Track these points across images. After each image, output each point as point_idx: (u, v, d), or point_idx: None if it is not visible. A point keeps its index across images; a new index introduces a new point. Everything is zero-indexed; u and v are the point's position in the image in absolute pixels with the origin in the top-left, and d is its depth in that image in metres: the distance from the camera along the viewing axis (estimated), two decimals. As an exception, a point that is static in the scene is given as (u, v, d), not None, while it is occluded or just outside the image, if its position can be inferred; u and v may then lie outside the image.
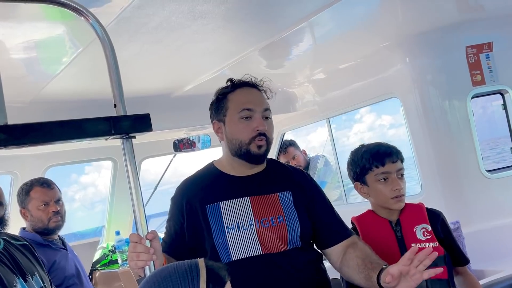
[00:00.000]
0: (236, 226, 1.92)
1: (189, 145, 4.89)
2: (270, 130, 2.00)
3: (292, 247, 1.95)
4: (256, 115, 1.98)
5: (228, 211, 1.95)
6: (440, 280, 2.08)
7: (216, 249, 1.93)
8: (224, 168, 2.07)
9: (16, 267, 2.05)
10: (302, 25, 3.16)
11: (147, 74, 3.75)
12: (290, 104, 5.17)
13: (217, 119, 2.06)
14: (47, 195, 3.10)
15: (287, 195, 2.01)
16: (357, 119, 10.11)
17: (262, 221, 1.93)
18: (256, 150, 1.96)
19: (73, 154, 4.92)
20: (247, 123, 1.97)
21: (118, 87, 1.69)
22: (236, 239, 1.92)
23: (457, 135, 3.87)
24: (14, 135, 1.40)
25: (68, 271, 3.05)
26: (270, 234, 1.92)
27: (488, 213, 3.74)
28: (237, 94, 2.03)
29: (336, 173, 5.04)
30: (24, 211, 3.11)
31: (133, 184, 1.70)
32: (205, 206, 1.97)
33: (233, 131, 2.00)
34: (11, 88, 2.83)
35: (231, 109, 2.01)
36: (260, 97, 2.04)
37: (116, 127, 1.57)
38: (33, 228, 3.09)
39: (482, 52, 3.85)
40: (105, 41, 1.70)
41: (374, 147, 2.23)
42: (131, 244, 1.74)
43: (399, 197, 2.15)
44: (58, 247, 3.12)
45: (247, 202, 1.96)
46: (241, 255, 1.91)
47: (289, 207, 1.98)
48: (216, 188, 2.02)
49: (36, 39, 2.75)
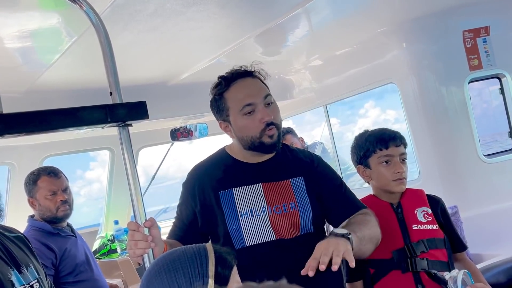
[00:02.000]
0: (250, 212, 1.93)
1: (186, 133, 4.89)
2: (276, 116, 1.98)
3: (304, 232, 1.95)
4: (259, 107, 1.94)
5: (241, 198, 1.95)
6: (440, 261, 2.11)
7: (229, 235, 1.93)
8: (236, 155, 2.06)
9: (11, 259, 2.02)
10: (298, 11, 3.15)
11: (142, 62, 3.74)
12: (287, 92, 5.16)
13: (221, 120, 2.03)
14: (54, 184, 3.10)
15: (299, 181, 2.01)
16: (362, 114, 10.16)
17: (275, 208, 1.94)
18: (269, 140, 1.94)
19: (70, 144, 4.91)
20: (252, 118, 1.94)
21: (114, 75, 1.68)
22: (250, 225, 1.92)
23: (455, 120, 3.87)
24: (10, 124, 1.40)
25: (79, 258, 3.07)
26: (283, 220, 1.93)
27: (486, 198, 3.75)
28: (233, 91, 1.97)
29: (334, 160, 5.05)
30: (32, 200, 3.12)
31: (131, 172, 1.70)
32: (218, 192, 1.97)
33: (241, 129, 1.97)
34: (6, 78, 2.84)
35: (232, 108, 1.97)
36: (257, 85, 1.99)
37: (112, 115, 1.57)
38: (41, 217, 3.10)
39: (479, 36, 3.83)
40: (100, 28, 1.69)
41: (378, 131, 2.26)
42: (129, 232, 1.74)
43: (400, 180, 2.17)
44: (68, 235, 3.14)
45: (259, 189, 1.96)
46: (254, 240, 1.92)
47: (301, 193, 1.98)
48: (229, 174, 2.01)
49: (30, 28, 2.73)
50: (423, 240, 2.12)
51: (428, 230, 2.15)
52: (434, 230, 2.15)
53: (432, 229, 2.15)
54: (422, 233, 2.13)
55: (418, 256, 2.09)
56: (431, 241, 2.12)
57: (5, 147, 4.38)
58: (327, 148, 5.25)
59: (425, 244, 2.11)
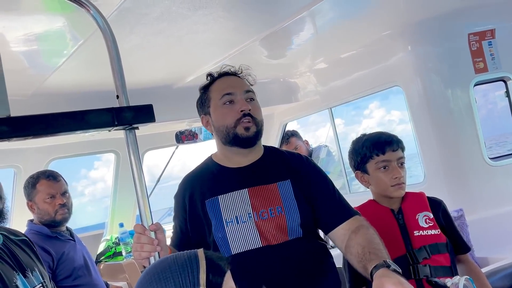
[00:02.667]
0: (235, 219, 1.90)
1: (191, 136, 4.89)
2: (256, 112, 1.97)
3: (293, 237, 1.91)
4: (237, 98, 1.96)
5: (227, 205, 1.93)
6: (443, 267, 2.08)
7: (216, 244, 1.92)
8: (221, 161, 2.05)
9: (16, 263, 2.02)
10: (303, 14, 3.15)
11: (148, 65, 3.75)
12: (292, 94, 5.16)
13: (203, 113, 2.06)
14: (53, 187, 3.11)
15: (287, 184, 1.96)
16: (367, 114, 10.11)
17: (261, 213, 1.90)
18: (244, 132, 1.93)
19: (76, 147, 4.92)
20: (230, 107, 1.96)
21: (120, 78, 1.68)
22: (235, 233, 1.89)
23: (460, 123, 3.86)
24: (17, 127, 1.40)
25: (77, 262, 3.06)
26: (269, 225, 1.89)
27: (492, 201, 3.74)
28: (217, 84, 2.03)
29: (339, 163, 5.04)
30: (31, 203, 3.12)
31: (137, 175, 1.69)
32: (204, 201, 1.96)
33: (218, 118, 1.99)
34: (13, 81, 2.84)
35: (213, 98, 2.01)
36: (240, 81, 2.03)
37: (119, 118, 1.57)
38: (40, 221, 3.10)
39: (484, 39, 3.83)
40: (107, 32, 1.69)
41: (375, 136, 2.23)
42: (135, 235, 1.74)
43: (399, 185, 2.14)
44: (66, 239, 3.13)
45: (245, 194, 1.93)
46: (240, 248, 1.89)
47: (288, 197, 1.94)
48: (215, 182, 2.00)
49: (37, 31, 2.75)
50: (425, 246, 2.09)
51: (429, 235, 2.12)
52: (436, 235, 2.13)
53: (434, 234, 2.13)
54: (423, 239, 2.11)
55: (420, 263, 2.07)
56: (433, 247, 2.10)
57: (11, 150, 4.40)
58: (332, 151, 5.25)
59: (427, 250, 2.09)
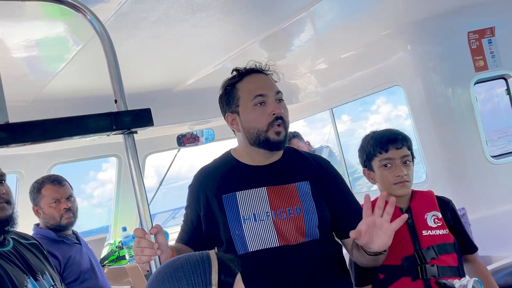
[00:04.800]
0: (253, 216, 1.89)
1: (193, 139, 4.90)
2: (286, 113, 1.97)
3: (310, 239, 1.90)
4: (269, 100, 1.94)
5: (245, 201, 1.92)
6: (450, 267, 2.08)
7: (232, 240, 1.90)
8: (241, 157, 2.03)
9: (26, 267, 2.04)
10: (302, 15, 3.15)
11: (148, 69, 3.75)
12: (292, 96, 5.16)
13: (230, 111, 2.01)
14: (58, 192, 3.12)
15: (305, 185, 1.96)
16: (374, 110, 10.10)
17: (279, 212, 1.90)
18: (275, 137, 1.92)
19: (77, 151, 4.93)
20: (262, 109, 1.93)
21: (118, 82, 1.69)
22: (253, 230, 1.89)
23: (461, 121, 3.85)
24: (16, 133, 1.40)
25: (83, 266, 3.08)
26: (288, 225, 1.89)
27: (494, 199, 3.73)
28: (246, 82, 1.99)
29: (341, 163, 5.04)
30: (37, 208, 3.14)
31: (137, 179, 1.70)
32: (221, 196, 1.94)
33: (249, 119, 1.95)
34: (13, 87, 2.86)
35: (243, 98, 1.97)
36: (270, 81, 2.01)
37: (117, 122, 1.57)
38: (46, 225, 3.12)
39: (484, 37, 3.82)
40: (104, 37, 1.69)
41: (380, 134, 2.23)
42: (136, 239, 1.74)
43: (402, 183, 2.13)
44: (73, 242, 3.15)
45: (263, 193, 1.92)
46: (258, 246, 1.88)
47: (307, 198, 1.94)
48: (233, 178, 1.99)
49: (36, 37, 2.75)
50: (433, 246, 2.09)
51: (438, 235, 2.12)
52: (444, 235, 2.12)
53: (442, 234, 2.12)
54: (432, 239, 2.11)
55: (428, 263, 2.06)
56: (441, 247, 2.10)
57: (13, 156, 4.40)
58: (334, 152, 5.25)
59: (435, 250, 2.08)
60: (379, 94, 4.54)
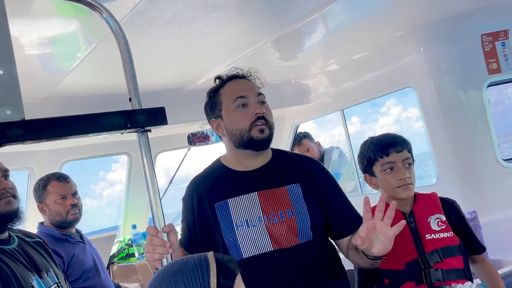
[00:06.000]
0: (245, 222, 1.90)
1: (203, 138, 4.90)
2: (268, 114, 1.98)
3: (303, 241, 1.91)
4: (251, 101, 1.96)
5: (237, 208, 1.92)
6: (456, 270, 2.06)
7: (226, 248, 1.91)
8: (230, 164, 2.05)
9: (31, 264, 2.06)
10: (315, 16, 3.15)
11: (161, 68, 3.76)
12: (303, 96, 5.15)
13: (214, 117, 2.05)
14: (64, 188, 3.14)
15: (296, 187, 1.97)
16: (384, 112, 10.07)
17: (271, 216, 1.90)
18: (259, 134, 1.93)
19: (89, 149, 4.95)
20: (243, 111, 1.95)
21: (133, 81, 1.69)
22: (246, 236, 1.89)
23: (473, 124, 3.83)
24: (31, 130, 1.41)
25: (87, 264, 3.08)
26: (280, 228, 1.89)
27: (506, 203, 3.70)
28: (228, 87, 2.02)
29: (351, 165, 5.02)
30: (42, 205, 3.14)
31: (149, 177, 1.70)
32: (214, 204, 1.95)
33: (232, 122, 1.97)
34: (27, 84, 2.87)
35: (225, 101, 2.00)
36: (251, 84, 2.03)
37: (131, 120, 1.58)
38: (51, 222, 3.12)
39: (497, 40, 3.80)
40: (119, 35, 1.70)
41: (379, 138, 2.22)
42: (148, 237, 1.75)
43: (405, 185, 2.12)
44: (76, 241, 3.15)
45: (255, 198, 1.93)
46: (252, 252, 1.89)
47: (298, 200, 1.94)
48: (224, 185, 2.00)
49: (50, 35, 2.77)
50: (437, 249, 2.07)
51: (442, 238, 2.09)
52: (449, 237, 2.10)
53: (446, 237, 2.10)
54: (436, 242, 2.09)
55: (432, 267, 2.05)
56: (445, 250, 2.08)
57: (25, 152, 4.43)
58: (344, 152, 5.23)
59: (439, 254, 2.06)
60: (389, 96, 4.52)
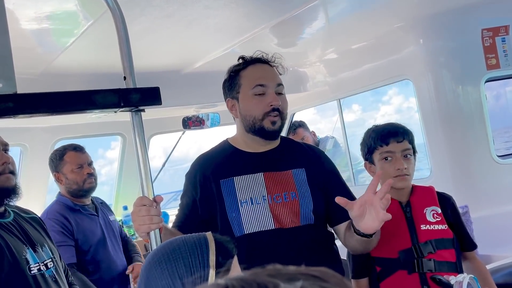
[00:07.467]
0: (250, 200, 1.95)
1: (198, 122, 4.89)
2: (284, 106, 2.01)
3: (304, 223, 1.96)
4: (269, 91, 1.98)
5: (242, 186, 1.97)
6: (448, 262, 2.09)
7: (229, 223, 1.95)
8: (238, 145, 2.09)
9: (26, 238, 2.10)
10: (316, 3, 3.12)
11: (157, 48, 3.73)
12: (301, 84, 5.13)
13: (230, 97, 2.07)
14: (80, 158, 3.22)
15: (301, 172, 2.03)
16: (385, 100, 10.05)
17: (275, 196, 1.95)
18: (270, 126, 1.97)
19: (82, 128, 4.93)
20: (260, 99, 1.98)
21: (128, 59, 1.68)
22: (249, 213, 1.94)
23: (469, 119, 3.83)
24: (23, 104, 1.40)
25: (95, 237, 3.15)
26: (283, 209, 1.95)
27: (497, 198, 3.72)
28: (250, 71, 2.03)
29: (346, 155, 5.02)
30: (59, 175, 3.21)
31: (142, 158, 1.70)
32: (219, 180, 1.99)
33: (247, 107, 2.00)
34: (22, 59, 2.84)
35: (244, 85, 2.02)
36: (273, 72, 2.05)
37: (125, 99, 1.57)
38: (68, 191, 3.20)
39: (498, 35, 3.78)
40: (116, 12, 1.68)
41: (381, 127, 2.25)
42: (144, 208, 1.73)
43: (401, 176, 2.14)
44: (89, 213, 3.22)
45: (260, 178, 1.98)
46: (253, 228, 1.93)
47: (302, 184, 2.00)
48: (230, 164, 2.04)
49: (47, 10, 2.73)
50: (431, 240, 2.10)
51: (436, 230, 2.13)
52: (443, 230, 2.13)
53: (440, 229, 2.13)
54: (430, 233, 2.12)
55: (425, 257, 2.07)
56: (439, 241, 2.11)
57: (18, 129, 4.41)
58: (339, 143, 5.22)
59: (433, 244, 2.09)
60: (391, 85, 4.51)
